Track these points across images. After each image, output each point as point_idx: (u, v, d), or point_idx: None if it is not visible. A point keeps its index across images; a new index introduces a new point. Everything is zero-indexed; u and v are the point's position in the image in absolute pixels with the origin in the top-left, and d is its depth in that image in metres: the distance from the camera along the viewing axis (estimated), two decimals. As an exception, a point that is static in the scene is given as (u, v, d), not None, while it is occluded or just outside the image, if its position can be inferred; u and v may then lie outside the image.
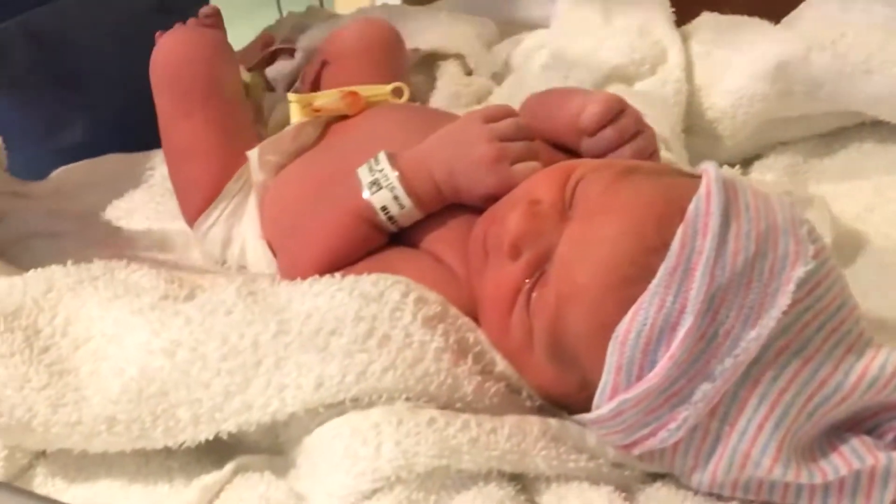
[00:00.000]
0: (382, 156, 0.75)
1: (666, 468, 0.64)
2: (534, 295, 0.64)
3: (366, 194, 0.74)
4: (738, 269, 0.58)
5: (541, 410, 0.67)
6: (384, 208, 0.74)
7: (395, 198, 0.74)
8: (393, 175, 0.74)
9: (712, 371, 0.58)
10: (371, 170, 0.75)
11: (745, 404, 0.58)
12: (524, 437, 0.62)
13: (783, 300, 0.57)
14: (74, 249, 0.87)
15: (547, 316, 0.63)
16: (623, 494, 0.62)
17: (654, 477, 0.66)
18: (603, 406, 0.61)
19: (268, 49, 1.24)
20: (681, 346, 0.57)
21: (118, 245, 0.90)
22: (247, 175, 0.93)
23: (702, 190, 0.61)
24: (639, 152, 0.75)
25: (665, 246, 0.59)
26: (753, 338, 0.57)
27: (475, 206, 0.74)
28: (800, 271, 0.58)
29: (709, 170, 0.63)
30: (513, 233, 0.65)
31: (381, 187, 0.74)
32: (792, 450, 0.59)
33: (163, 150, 0.99)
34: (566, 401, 0.66)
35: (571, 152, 0.80)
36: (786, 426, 0.58)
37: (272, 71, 1.23)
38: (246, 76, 1.06)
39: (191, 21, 1.03)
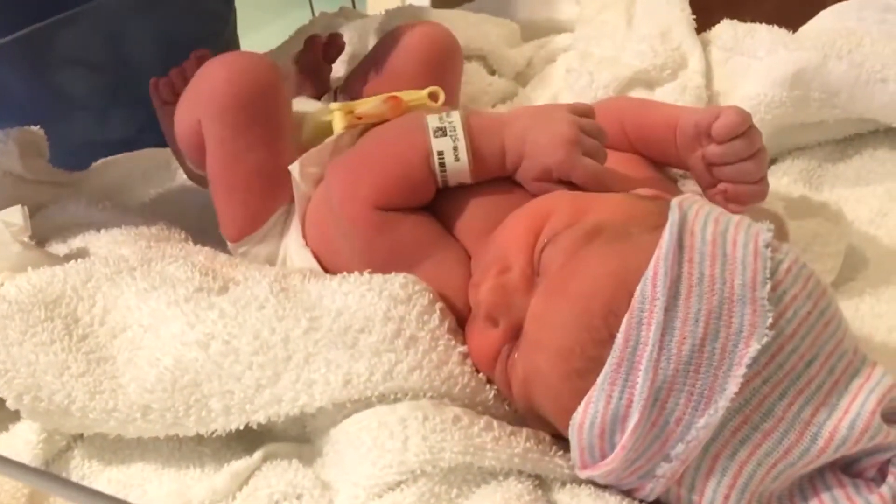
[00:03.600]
0: (456, 111, 0.77)
1: None
2: (509, 361, 0.66)
3: (429, 137, 0.75)
4: (685, 357, 0.56)
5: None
6: (440, 153, 0.75)
7: (455, 148, 0.75)
8: (461, 128, 0.75)
9: (668, 453, 0.57)
10: (441, 119, 0.76)
11: (708, 476, 0.57)
12: (540, 442, 0.64)
13: (732, 387, 0.55)
14: (113, 239, 0.89)
15: (518, 385, 0.65)
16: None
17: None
18: (577, 471, 0.62)
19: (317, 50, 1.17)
20: (631, 437, 0.57)
21: (155, 235, 0.91)
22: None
23: (650, 271, 0.58)
24: (758, 168, 0.74)
25: (612, 337, 0.57)
26: (702, 426, 0.56)
27: (517, 206, 0.73)
28: (753, 349, 0.55)
29: (664, 234, 0.60)
30: (486, 304, 0.66)
31: (445, 134, 0.75)
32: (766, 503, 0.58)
33: (209, 171, 0.89)
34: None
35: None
36: (751, 490, 0.57)
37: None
38: None
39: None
